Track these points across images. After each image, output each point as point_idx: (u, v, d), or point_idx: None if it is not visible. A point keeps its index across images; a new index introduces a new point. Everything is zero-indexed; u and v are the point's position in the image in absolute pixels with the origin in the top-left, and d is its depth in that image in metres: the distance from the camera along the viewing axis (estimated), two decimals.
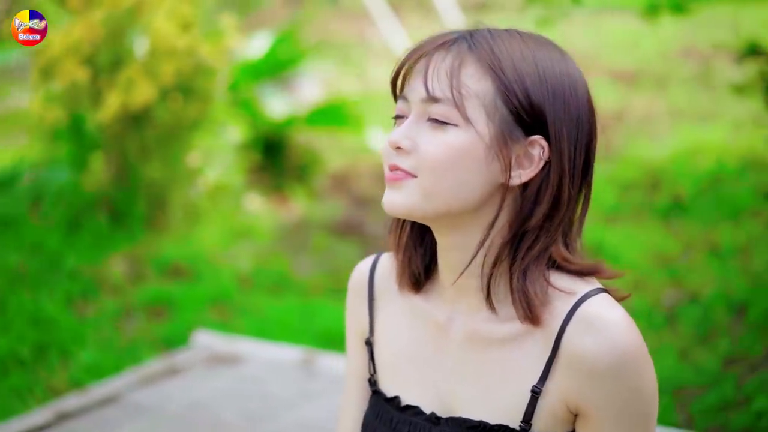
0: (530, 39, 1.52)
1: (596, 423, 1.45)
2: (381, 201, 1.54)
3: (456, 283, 1.57)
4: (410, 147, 1.48)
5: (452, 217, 1.51)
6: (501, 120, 1.46)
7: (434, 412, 1.58)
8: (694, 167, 6.42)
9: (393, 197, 1.50)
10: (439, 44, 1.50)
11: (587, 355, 1.42)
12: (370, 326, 1.71)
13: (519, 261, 1.49)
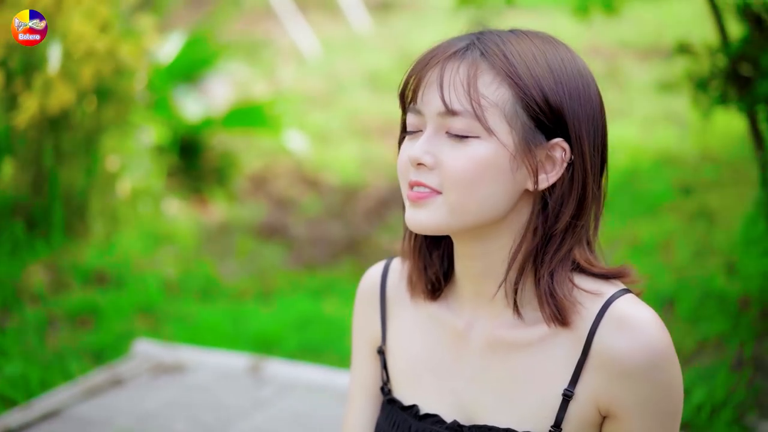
0: (537, 39, 1.51)
1: (626, 423, 1.46)
2: (405, 217, 1.52)
3: (477, 291, 1.56)
4: (433, 163, 1.46)
5: (479, 228, 1.49)
6: (522, 127, 1.45)
7: (456, 420, 1.56)
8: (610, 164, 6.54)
9: (419, 215, 1.48)
10: (450, 54, 1.48)
11: (621, 354, 1.43)
12: (383, 334, 1.69)
13: (546, 264, 1.48)
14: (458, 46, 1.49)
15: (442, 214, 1.47)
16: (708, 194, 5.89)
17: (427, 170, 1.47)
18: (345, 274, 5.49)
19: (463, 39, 1.52)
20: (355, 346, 1.77)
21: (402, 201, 1.53)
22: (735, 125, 6.67)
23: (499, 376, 1.54)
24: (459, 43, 1.50)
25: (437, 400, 1.61)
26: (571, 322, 1.48)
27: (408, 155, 1.49)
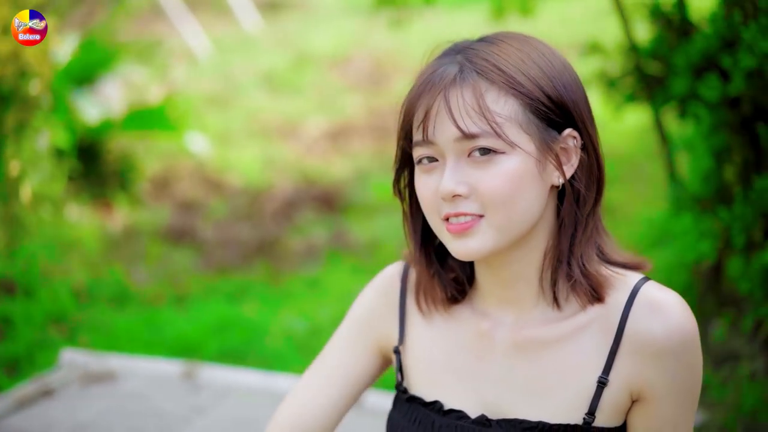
0: (515, 42, 1.56)
1: (657, 404, 1.51)
2: (452, 248, 1.54)
3: (503, 294, 1.59)
4: (467, 191, 1.49)
5: (519, 239, 1.54)
6: (537, 130, 1.50)
7: (484, 414, 1.59)
8: None
9: (468, 245, 1.50)
10: (448, 81, 1.50)
11: (655, 337, 1.49)
12: (400, 335, 1.70)
13: (576, 249, 1.53)
14: (451, 71, 1.51)
15: (490, 237, 1.50)
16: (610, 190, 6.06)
17: (462, 199, 1.50)
18: (259, 276, 5.46)
19: (449, 63, 1.54)
20: (347, 331, 1.77)
21: (306, 205, 1.55)
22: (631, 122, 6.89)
23: (526, 374, 1.58)
24: (450, 68, 1.52)
25: (460, 398, 1.63)
26: (606, 297, 1.53)
27: (440, 190, 1.50)
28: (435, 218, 1.55)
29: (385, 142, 7.35)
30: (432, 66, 1.56)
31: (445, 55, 1.56)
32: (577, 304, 1.55)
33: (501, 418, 1.58)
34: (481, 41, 1.57)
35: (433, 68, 1.55)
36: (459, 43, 1.59)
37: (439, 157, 1.52)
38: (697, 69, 3.70)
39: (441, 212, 1.53)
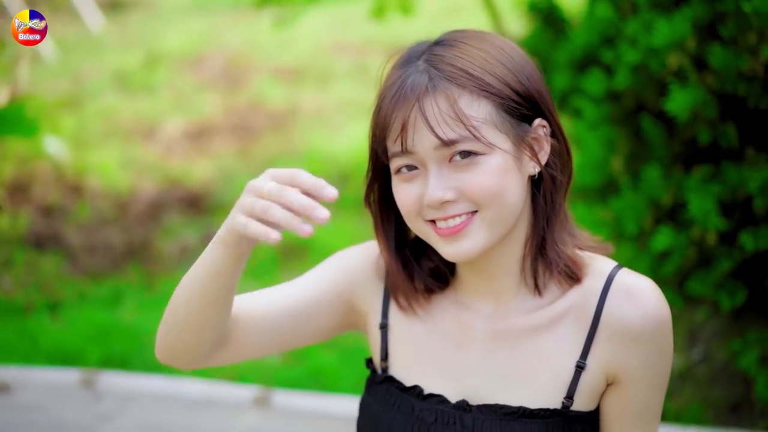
0: (474, 41, 1.60)
1: (631, 387, 1.58)
2: (445, 252, 1.56)
3: (484, 285, 1.63)
4: (455, 195, 1.52)
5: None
6: (510, 127, 1.54)
7: (465, 399, 1.63)
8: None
9: (462, 246, 1.53)
10: (420, 91, 1.52)
11: (632, 322, 1.55)
12: (384, 311, 1.71)
13: (554, 235, 1.59)
14: (422, 81, 1.54)
15: (483, 235, 1.54)
16: None
17: (451, 203, 1.53)
18: (133, 281, 5.35)
19: (415, 72, 1.56)
20: (323, 273, 1.74)
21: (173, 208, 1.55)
22: None
23: (506, 362, 1.62)
24: (419, 78, 1.54)
25: (440, 385, 1.66)
26: (583, 279, 1.59)
27: (427, 199, 1.53)
28: (419, 223, 1.57)
29: (247, 141, 7.30)
30: (397, 76, 1.57)
31: (406, 63, 1.58)
32: (557, 289, 1.61)
33: (481, 404, 1.62)
34: (440, 45, 1.59)
35: (400, 78, 1.56)
36: (416, 48, 1.61)
37: (419, 165, 1.55)
38: (578, 64, 3.85)
39: (425, 216, 1.56)
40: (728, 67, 3.11)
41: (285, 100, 7.97)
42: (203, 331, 1.57)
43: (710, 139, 3.20)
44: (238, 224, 1.41)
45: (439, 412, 1.63)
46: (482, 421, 1.60)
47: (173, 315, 1.58)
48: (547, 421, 1.58)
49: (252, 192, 1.41)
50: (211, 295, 1.53)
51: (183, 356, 1.61)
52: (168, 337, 1.60)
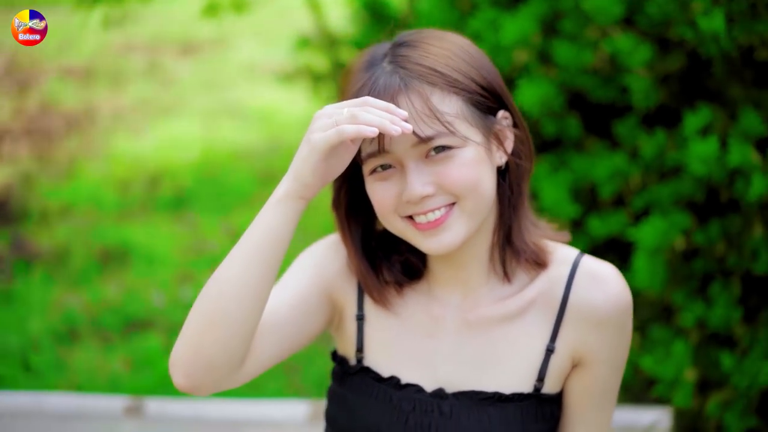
0: (434, 39, 1.66)
1: (595, 368, 1.66)
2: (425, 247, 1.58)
3: (455, 275, 1.67)
4: (434, 189, 1.55)
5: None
6: (479, 120, 1.60)
7: (442, 387, 1.65)
8: (184, 159, 6.62)
9: (442, 240, 1.57)
10: (393, 90, 1.56)
11: (597, 306, 1.63)
12: (359, 302, 1.72)
13: (520, 222, 1.65)
14: (393, 81, 1.57)
15: (463, 226, 1.57)
16: None
17: (429, 198, 1.56)
18: None
19: (384, 73, 1.59)
20: (301, 274, 1.74)
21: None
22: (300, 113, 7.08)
23: (478, 350, 1.67)
24: (390, 78, 1.58)
25: (415, 376, 1.69)
26: (549, 264, 1.64)
27: (407, 195, 1.55)
28: (395, 220, 1.59)
29: (43, 145, 6.99)
30: (366, 78, 1.60)
31: (371, 66, 1.61)
32: (525, 276, 1.67)
33: (457, 391, 1.66)
34: (403, 46, 1.63)
35: (369, 80, 1.59)
36: (376, 51, 1.64)
37: (395, 164, 1.58)
38: None
39: (402, 213, 1.58)
40: (571, 62, 3.28)
41: (79, 102, 7.68)
42: (253, 319, 1.52)
43: (555, 131, 3.36)
44: (324, 138, 1.45)
45: (417, 401, 1.67)
46: (459, 408, 1.65)
47: (219, 307, 1.51)
48: (521, 404, 1.65)
49: (325, 113, 1.46)
50: (270, 267, 1.51)
51: (219, 368, 1.52)
52: (206, 343, 1.51)
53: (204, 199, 6.03)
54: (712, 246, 3.09)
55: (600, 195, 3.32)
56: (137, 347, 4.22)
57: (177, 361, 1.52)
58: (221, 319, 1.49)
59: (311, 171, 1.48)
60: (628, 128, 3.29)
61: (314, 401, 2.97)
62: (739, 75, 3.19)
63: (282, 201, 1.50)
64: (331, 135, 1.46)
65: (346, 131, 1.45)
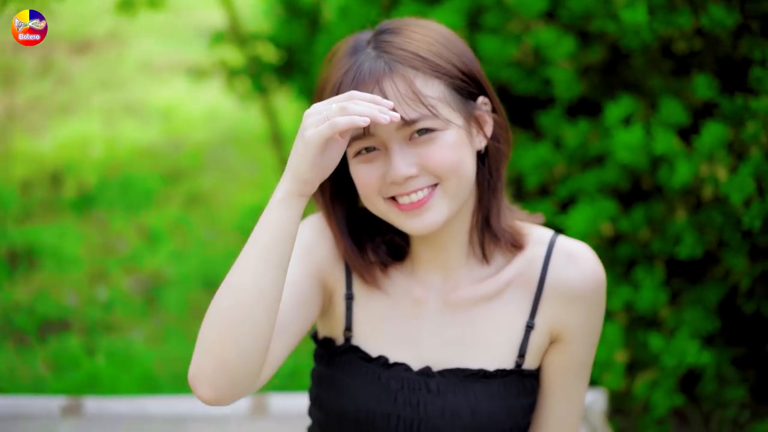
0: (416, 27, 1.70)
1: (572, 343, 1.73)
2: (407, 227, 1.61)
3: (436, 257, 1.71)
4: (418, 170, 1.59)
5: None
6: (460, 104, 1.64)
7: (429, 365, 1.69)
8: (88, 158, 6.49)
9: (425, 220, 1.61)
10: (379, 74, 1.60)
11: (573, 284, 1.70)
12: (348, 282, 1.75)
13: (497, 205, 1.70)
14: (378, 65, 1.61)
15: (445, 206, 1.62)
16: (199, 179, 6.16)
17: (413, 178, 1.60)
18: None
19: (368, 57, 1.63)
20: (293, 265, 1.74)
21: None
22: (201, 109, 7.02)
23: (460, 329, 1.72)
24: (375, 63, 1.62)
25: (402, 354, 1.73)
26: (525, 246, 1.70)
27: (391, 175, 1.59)
28: (378, 201, 1.63)
29: None
30: (351, 63, 1.63)
31: (355, 52, 1.64)
32: (502, 258, 1.72)
33: (443, 369, 1.70)
34: (386, 32, 1.66)
35: (354, 65, 1.62)
36: (359, 38, 1.67)
37: (379, 146, 1.61)
38: None
39: (386, 194, 1.61)
40: (496, 55, 3.35)
41: None
42: (271, 322, 1.53)
43: None
44: (318, 132, 1.48)
45: (405, 379, 1.71)
46: (446, 385, 1.70)
47: (239, 314, 1.50)
48: (504, 379, 1.71)
49: (315, 111, 1.49)
50: (282, 268, 1.53)
51: (243, 376, 1.52)
52: (229, 352, 1.50)
53: (110, 198, 5.93)
54: (637, 232, 3.20)
55: (526, 185, 3.40)
56: (56, 348, 4.14)
57: (200, 374, 1.50)
58: (242, 326, 1.50)
59: (309, 167, 1.51)
60: (551, 119, 3.38)
61: (255, 395, 2.97)
62: (658, 66, 3.31)
63: (284, 200, 1.52)
64: (324, 129, 1.49)
65: (338, 123, 1.48)
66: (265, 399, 2.90)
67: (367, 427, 1.71)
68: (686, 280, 3.29)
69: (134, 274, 5.02)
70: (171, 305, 4.64)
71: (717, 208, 3.12)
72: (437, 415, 1.70)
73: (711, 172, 3.03)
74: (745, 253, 3.17)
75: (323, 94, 1.66)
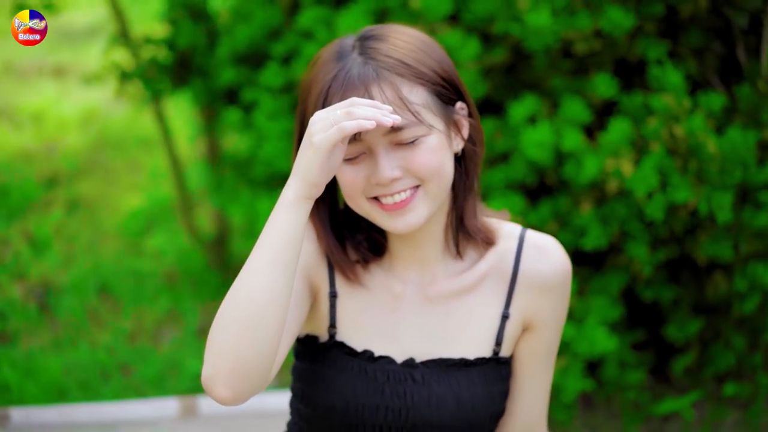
0: (398, 34, 1.76)
1: (542, 331, 1.84)
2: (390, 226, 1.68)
3: (412, 254, 1.78)
4: (402, 173, 1.67)
5: None
6: (442, 110, 1.72)
7: (412, 357, 1.77)
8: None
9: (407, 220, 1.69)
10: (368, 80, 1.66)
11: (544, 274, 1.81)
12: (331, 280, 1.80)
13: (471, 204, 1.78)
14: (366, 71, 1.67)
15: (426, 207, 1.70)
16: (74, 184, 6.03)
17: (397, 180, 1.67)
18: None
19: (355, 63, 1.69)
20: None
21: None
22: (75, 113, 6.85)
23: (439, 322, 1.80)
24: (363, 69, 1.68)
25: (385, 348, 1.80)
26: (497, 242, 1.80)
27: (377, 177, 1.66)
28: (362, 201, 1.69)
29: None
30: (338, 68, 1.68)
31: (341, 57, 1.70)
32: (474, 253, 1.81)
33: (426, 359, 1.78)
34: (370, 39, 1.72)
35: (342, 70, 1.68)
36: (344, 43, 1.73)
37: (366, 150, 1.67)
38: (242, 58, 3.99)
39: (369, 194, 1.68)
40: None
41: None
42: (283, 321, 1.58)
43: None
44: (327, 137, 1.54)
45: (390, 372, 1.78)
46: (430, 375, 1.79)
47: (254, 314, 1.55)
48: (483, 367, 1.81)
49: (321, 117, 1.55)
50: (293, 268, 1.59)
51: (257, 374, 1.57)
52: (245, 351, 1.55)
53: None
54: (544, 225, 3.34)
55: None
56: None
57: (216, 374, 1.55)
58: (257, 325, 1.55)
59: (319, 171, 1.56)
60: None
61: (184, 397, 2.98)
62: (559, 66, 3.46)
63: (295, 203, 1.57)
64: (333, 133, 1.54)
65: (346, 127, 1.54)
66: (195, 401, 2.91)
67: (356, 419, 1.77)
68: (592, 271, 3.45)
69: (23, 282, 4.90)
70: (66, 312, 4.56)
71: (621, 201, 3.29)
72: (424, 404, 1.77)
73: (616, 166, 3.19)
74: (647, 243, 3.35)
75: (308, 98, 1.70)
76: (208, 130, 4.53)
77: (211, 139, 4.58)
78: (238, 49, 3.92)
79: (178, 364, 4.04)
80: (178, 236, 5.20)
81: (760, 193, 3.30)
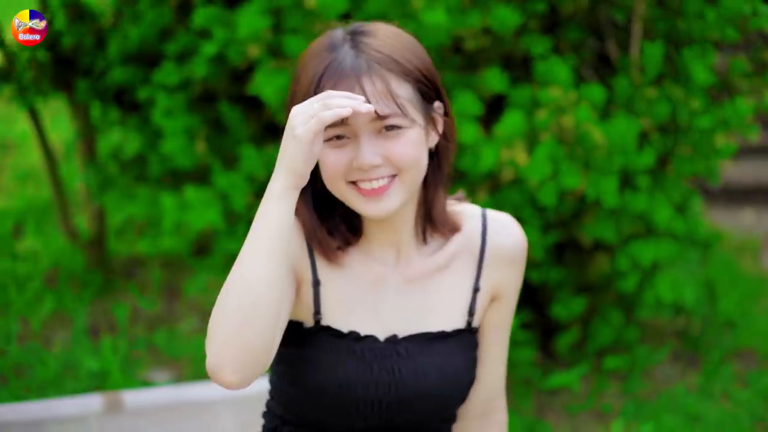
0: (387, 31, 1.86)
1: (505, 301, 2.00)
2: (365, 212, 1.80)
3: (388, 238, 1.89)
4: (382, 161, 1.78)
5: None
6: (422, 107, 1.85)
7: (395, 334, 1.90)
8: None
9: (382, 206, 1.79)
10: (361, 71, 1.76)
11: (508, 248, 1.97)
12: (313, 268, 1.89)
13: (439, 195, 1.91)
14: (359, 62, 1.77)
15: (400, 195, 1.80)
16: None
17: (376, 167, 1.77)
18: None
19: (349, 55, 1.78)
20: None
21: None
22: None
23: (417, 300, 1.92)
24: (355, 60, 1.77)
25: (368, 327, 1.90)
26: (462, 226, 1.94)
27: (359, 162, 1.76)
28: (341, 184, 1.79)
29: None
30: (331, 57, 1.77)
31: (333, 48, 1.79)
32: (442, 237, 1.95)
33: (408, 334, 1.92)
34: (361, 34, 1.81)
35: (335, 60, 1.77)
36: (335, 35, 1.82)
37: (350, 135, 1.77)
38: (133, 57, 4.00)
39: (349, 178, 1.78)
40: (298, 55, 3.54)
41: None
42: (280, 307, 1.67)
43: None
44: (308, 129, 1.64)
45: (377, 349, 1.89)
46: (413, 348, 1.91)
47: (254, 301, 1.63)
48: (459, 337, 1.95)
49: (300, 111, 1.66)
50: (288, 256, 1.69)
51: (261, 358, 1.65)
52: (249, 337, 1.63)
53: None
54: None
55: None
56: None
57: (222, 360, 1.64)
58: (257, 313, 1.64)
59: (304, 161, 1.66)
60: None
61: (108, 392, 3.00)
62: (449, 62, 3.64)
63: (283, 195, 1.66)
64: (313, 124, 1.64)
65: (325, 117, 1.64)
66: (119, 396, 2.92)
67: (348, 397, 1.87)
68: None
69: None
70: None
71: (514, 189, 3.49)
72: (411, 377, 1.89)
73: (511, 157, 3.39)
74: (538, 227, 3.57)
75: (299, 84, 1.78)
76: (86, 130, 4.50)
77: (90, 139, 4.55)
78: (129, 48, 3.93)
79: (74, 363, 4.01)
80: (54, 238, 5.13)
81: (639, 177, 3.57)
